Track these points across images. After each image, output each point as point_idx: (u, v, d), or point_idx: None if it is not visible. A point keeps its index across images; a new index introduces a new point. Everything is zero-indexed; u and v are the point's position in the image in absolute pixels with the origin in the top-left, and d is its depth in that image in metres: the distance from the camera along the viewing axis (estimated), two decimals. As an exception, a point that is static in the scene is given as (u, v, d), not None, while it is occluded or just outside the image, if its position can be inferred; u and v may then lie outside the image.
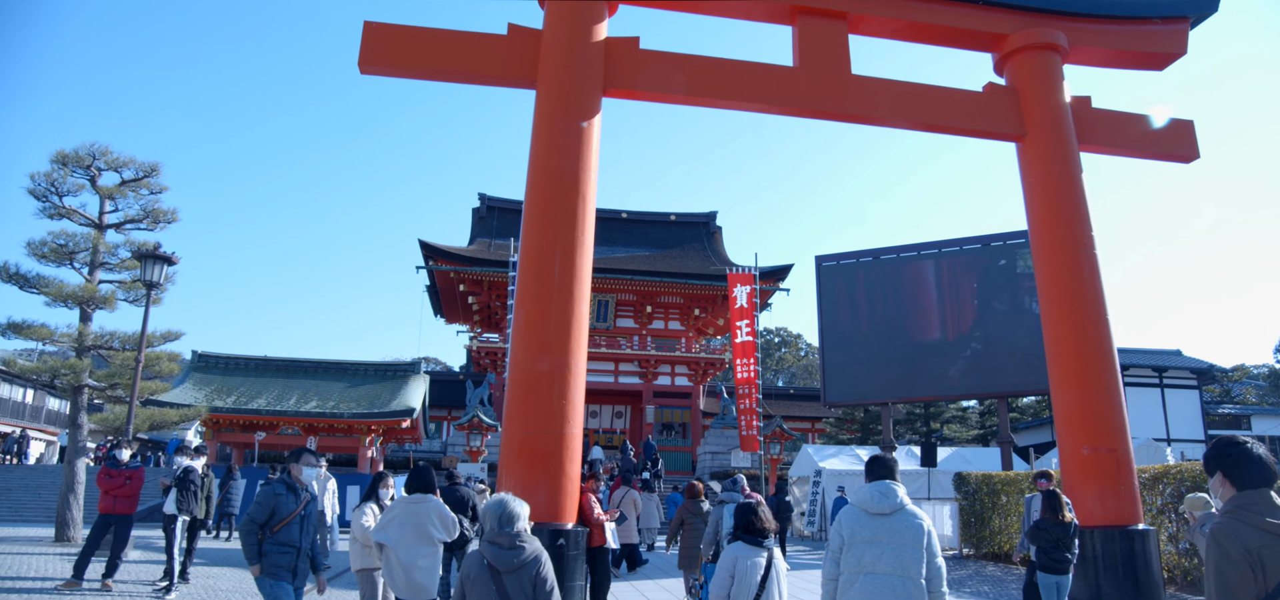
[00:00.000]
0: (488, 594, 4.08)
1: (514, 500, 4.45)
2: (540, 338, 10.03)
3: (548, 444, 9.72)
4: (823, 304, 26.94)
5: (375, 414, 25.08)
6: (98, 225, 16.62)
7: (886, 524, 4.61)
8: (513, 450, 9.75)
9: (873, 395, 26.13)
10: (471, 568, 4.22)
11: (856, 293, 26.52)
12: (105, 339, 15.94)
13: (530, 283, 10.31)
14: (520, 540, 4.24)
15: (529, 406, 9.85)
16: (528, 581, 4.16)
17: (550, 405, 9.82)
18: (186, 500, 9.98)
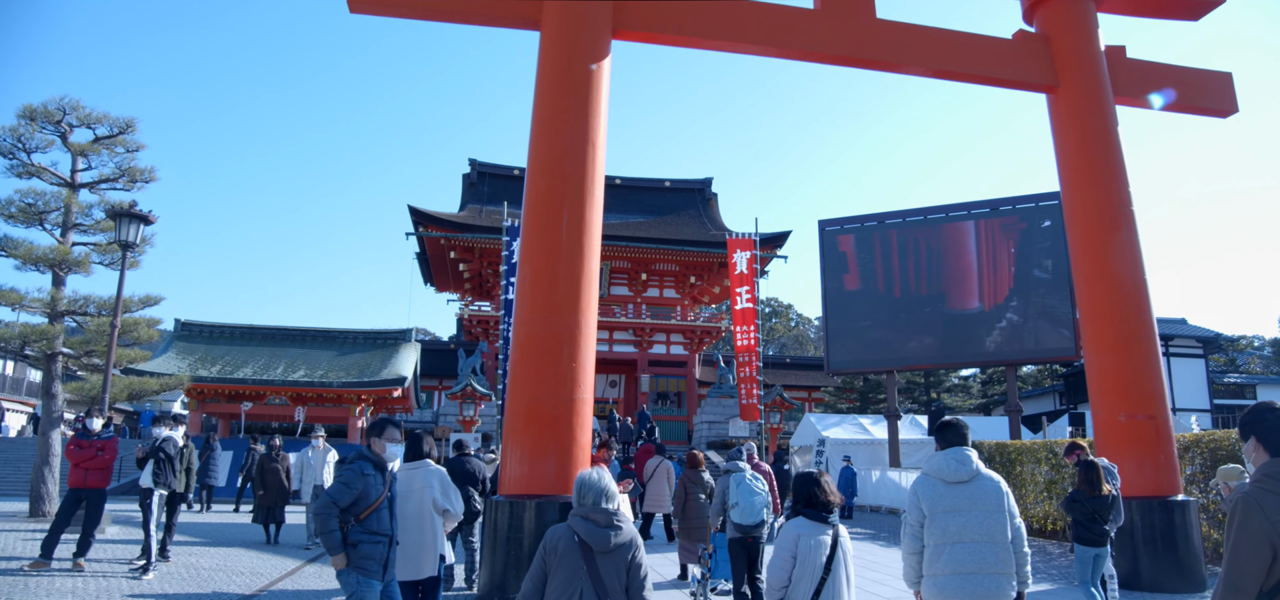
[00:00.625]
0: (576, 573, 3.71)
1: (608, 475, 4.04)
2: (548, 297, 9.29)
3: (557, 410, 9.01)
4: (826, 269, 26.23)
5: (365, 383, 24.31)
6: (70, 184, 15.71)
7: (966, 491, 4.51)
8: (519, 417, 9.03)
9: (877, 363, 25.50)
10: (560, 541, 3.81)
11: (860, 258, 25.81)
12: (80, 304, 15.08)
13: (536, 238, 9.54)
14: (618, 519, 3.84)
15: (536, 370, 9.13)
16: (622, 565, 3.79)
17: (559, 368, 9.10)
18: (164, 473, 9.21)
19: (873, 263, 25.62)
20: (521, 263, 9.70)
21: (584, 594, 3.68)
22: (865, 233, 25.94)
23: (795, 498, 4.82)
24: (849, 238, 26.03)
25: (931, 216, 25.51)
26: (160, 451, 9.26)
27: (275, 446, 13.04)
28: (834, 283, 26.04)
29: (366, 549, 5.02)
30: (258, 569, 10.06)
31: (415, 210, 35.75)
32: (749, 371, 27.76)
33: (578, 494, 3.95)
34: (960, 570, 4.39)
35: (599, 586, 3.70)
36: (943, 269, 24.90)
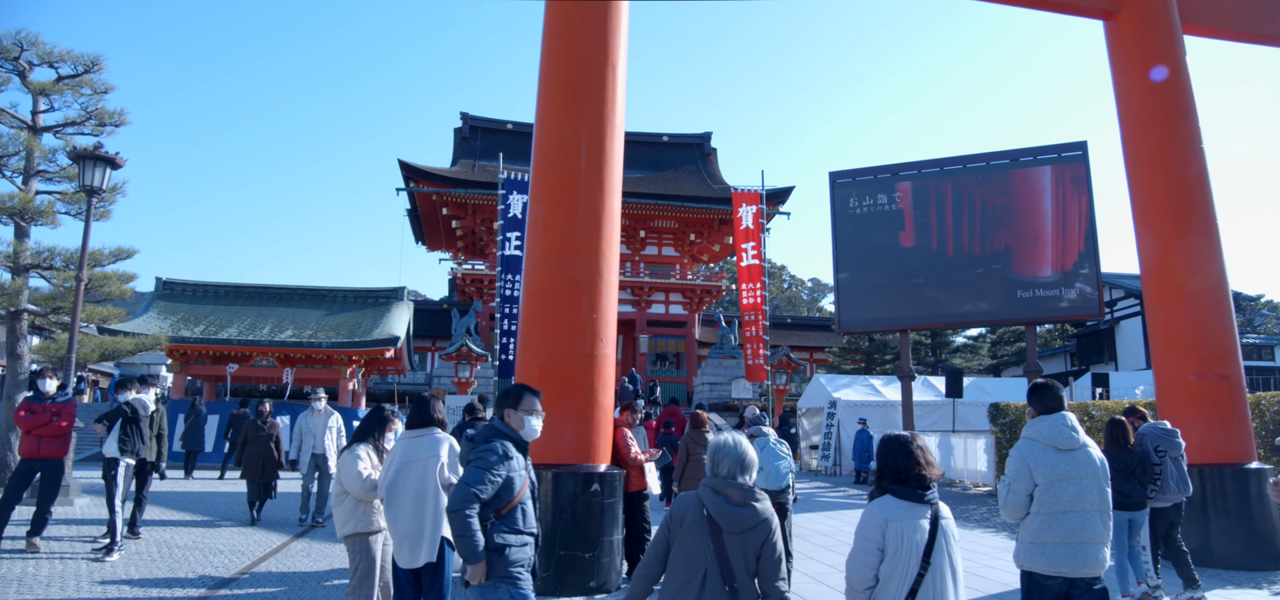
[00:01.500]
0: (701, 551, 3.35)
1: (748, 445, 3.55)
2: (564, 239, 8.18)
3: (576, 368, 7.94)
4: (837, 223, 25.08)
5: (356, 343, 23.17)
6: (31, 127, 14.43)
7: (1076, 459, 4.36)
8: (532, 377, 7.93)
9: (891, 321, 24.43)
10: (687, 512, 3.43)
11: (874, 211, 24.70)
12: (45, 257, 13.87)
13: (551, 173, 8.40)
14: (754, 498, 3.42)
15: (552, 324, 8.03)
16: (753, 548, 3.37)
17: (578, 320, 8.02)
18: (130, 439, 8.10)
19: (890, 217, 24.50)
20: (533, 201, 8.57)
21: (708, 576, 3.30)
22: (879, 185, 24.80)
23: (880, 470, 3.79)
24: (862, 190, 24.90)
25: (948, 167, 24.39)
26: (125, 414, 8.13)
27: (263, 412, 11.43)
28: (846, 237, 24.91)
29: (515, 553, 3.95)
30: (239, 546, 9.00)
31: (406, 165, 34.48)
32: (755, 331, 26.78)
33: (712, 462, 3.50)
34: (1072, 540, 4.25)
35: (725, 568, 3.30)
36: (959, 223, 23.84)
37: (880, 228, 24.60)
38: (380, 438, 5.35)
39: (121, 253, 14.40)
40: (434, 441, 4.83)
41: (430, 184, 34.77)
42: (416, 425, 4.90)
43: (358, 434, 5.33)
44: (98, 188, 12.06)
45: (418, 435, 4.85)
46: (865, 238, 24.69)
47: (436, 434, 4.89)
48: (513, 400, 4.23)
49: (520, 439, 4.14)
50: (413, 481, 4.70)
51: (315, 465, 10.64)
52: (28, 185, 14.17)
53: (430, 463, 4.74)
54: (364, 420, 5.43)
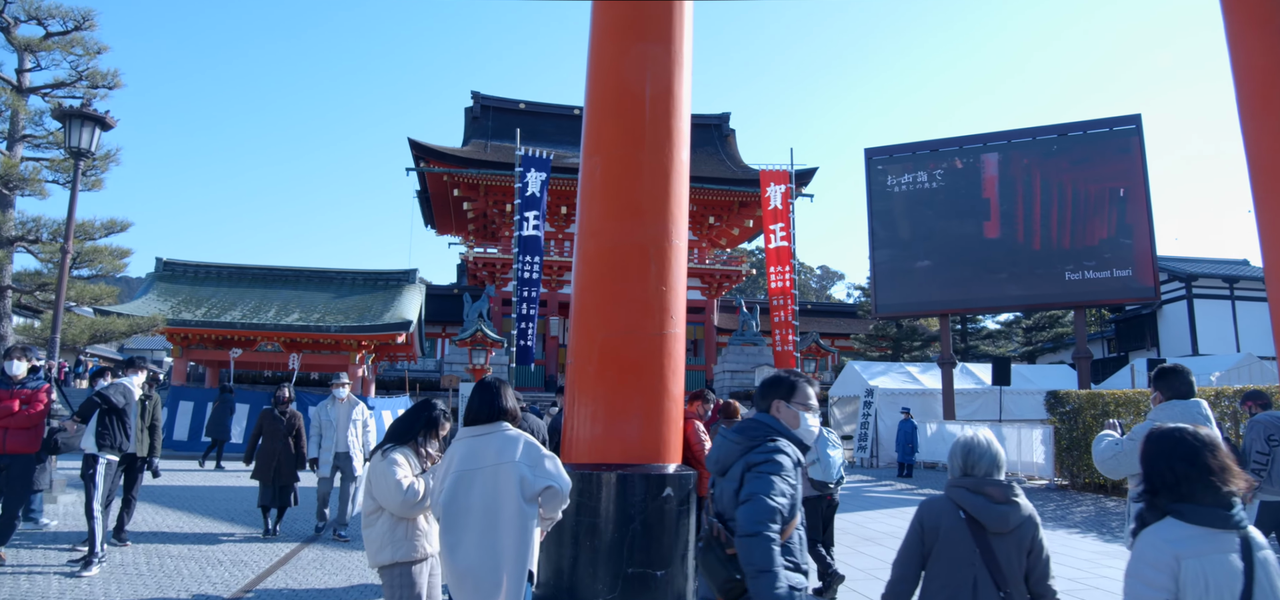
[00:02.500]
0: (967, 557, 3.04)
1: (994, 440, 3.26)
2: (627, 195, 6.88)
3: (643, 349, 6.64)
4: (873, 203, 23.84)
5: (366, 327, 21.95)
6: (16, 87, 13.21)
7: None
8: (589, 361, 6.67)
9: (931, 305, 23.22)
10: (942, 518, 3.15)
11: (912, 189, 23.42)
12: (30, 228, 12.65)
13: (609, 120, 7.09)
14: (1014, 494, 3.12)
15: (614, 297, 6.74)
16: (1022, 547, 3.07)
17: (644, 292, 6.72)
18: (111, 432, 6.85)
19: (929, 195, 23.26)
20: (588, 154, 7.26)
21: (979, 582, 3.05)
22: (918, 162, 23.53)
23: (1153, 481, 2.63)
24: (899, 167, 23.63)
25: (991, 142, 23.10)
26: (103, 402, 6.87)
27: (283, 400, 9.19)
28: (883, 217, 23.68)
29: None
30: (242, 557, 7.77)
31: (416, 144, 33.20)
32: (784, 316, 25.46)
33: (965, 460, 3.25)
34: None
35: (996, 573, 3.05)
36: (1004, 202, 22.55)
37: (918, 207, 23.34)
38: (425, 441, 4.09)
39: (114, 225, 13.20)
40: (506, 441, 3.59)
41: (441, 164, 33.49)
42: (482, 419, 3.65)
43: (396, 434, 4.06)
44: (87, 150, 10.84)
45: (483, 433, 3.61)
46: (903, 218, 23.43)
47: (508, 431, 3.64)
48: (786, 390, 3.21)
49: (800, 441, 3.15)
50: (480, 496, 3.46)
51: (337, 466, 8.92)
52: (12, 151, 12.96)
53: (504, 471, 3.49)
54: (405, 417, 4.16)
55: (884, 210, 23.64)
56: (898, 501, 14.83)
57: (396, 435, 4.05)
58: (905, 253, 23.21)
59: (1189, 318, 28.25)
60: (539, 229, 23.53)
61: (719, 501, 3.13)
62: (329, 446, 8.79)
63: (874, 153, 24.08)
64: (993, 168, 22.78)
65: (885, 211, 23.62)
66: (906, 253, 23.21)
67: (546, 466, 3.59)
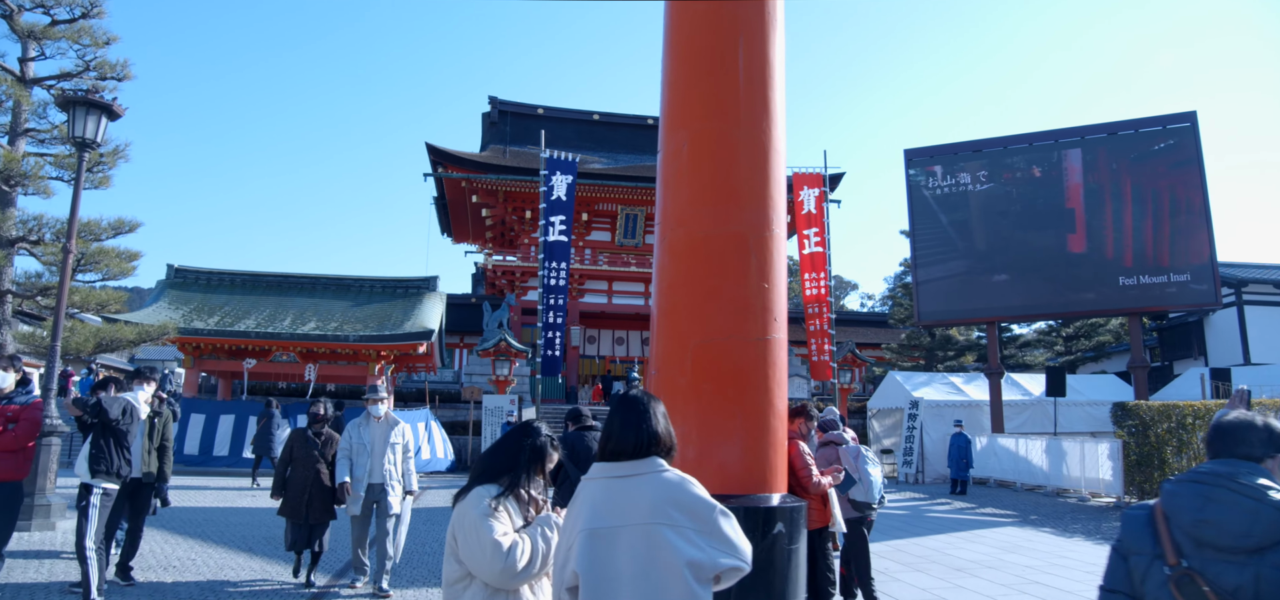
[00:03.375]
0: None
1: None
2: (722, 177, 5.84)
3: (744, 358, 5.59)
4: (914, 206, 22.79)
5: (386, 336, 20.96)
6: (19, 78, 12.30)
7: None
8: (681, 371, 5.62)
9: (977, 312, 22.16)
10: None
11: (955, 192, 22.39)
12: (31, 227, 11.70)
13: (695, 88, 6.06)
14: None
15: (708, 296, 5.69)
16: None
17: (744, 291, 5.68)
18: (106, 455, 5.80)
19: (973, 198, 22.19)
20: (670, 131, 6.23)
21: None
22: (961, 162, 22.49)
23: None
24: (941, 168, 22.59)
25: (1037, 142, 22.05)
26: (96, 417, 5.80)
27: (319, 418, 7.43)
28: (924, 221, 22.63)
29: None
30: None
31: (434, 149, 32.29)
32: (820, 324, 24.46)
33: None
34: None
35: None
36: (1050, 205, 21.49)
37: (962, 209, 22.28)
38: (529, 479, 3.04)
39: (122, 225, 12.26)
40: (664, 489, 2.55)
41: (460, 169, 32.56)
42: (627, 451, 2.62)
43: (488, 470, 3.00)
44: (92, 141, 9.89)
45: (629, 475, 2.58)
46: (945, 222, 22.37)
47: (665, 472, 2.61)
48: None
49: None
50: (628, 567, 2.44)
51: (371, 501, 7.05)
52: (14, 146, 12.03)
53: (663, 538, 2.46)
54: (501, 447, 3.08)
55: (926, 214, 22.60)
56: (968, 523, 13.73)
57: (489, 472, 3.00)
58: (949, 258, 22.17)
59: (1240, 325, 27.07)
60: (565, 234, 22.55)
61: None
62: (361, 477, 6.94)
63: (914, 154, 23.04)
64: (1039, 169, 21.74)
65: (927, 215, 22.58)
66: (950, 258, 22.17)
67: (724, 530, 2.53)
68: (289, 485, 7.19)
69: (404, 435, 7.28)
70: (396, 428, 7.22)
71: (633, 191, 33.90)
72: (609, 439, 2.67)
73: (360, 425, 7.09)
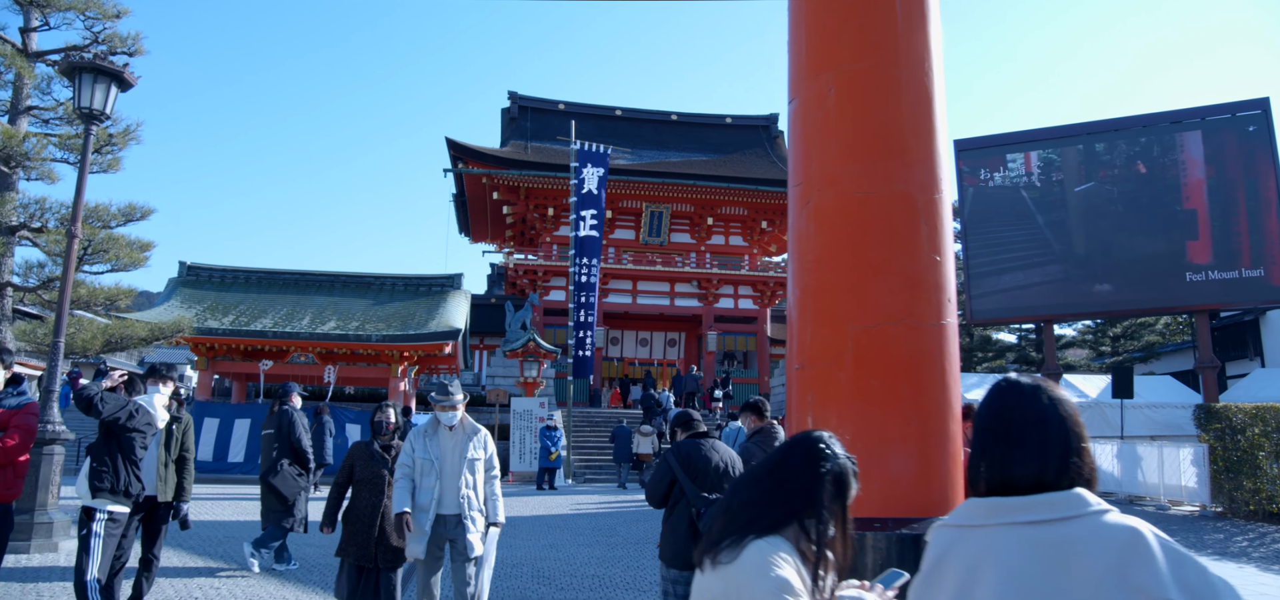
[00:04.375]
0: None
1: None
2: (882, 125, 4.69)
3: (918, 347, 4.43)
4: (964, 199, 21.60)
5: (411, 336, 19.84)
6: (21, 50, 11.22)
7: None
8: (839, 363, 4.44)
9: (1033, 309, 21.01)
10: None
11: (1006, 185, 21.21)
12: (33, 213, 10.62)
13: (844, 20, 4.91)
14: None
15: (871, 270, 4.53)
16: None
17: (916, 264, 4.53)
18: (111, 470, 4.62)
19: (1026, 191, 21.01)
20: (811, 73, 5.06)
21: None
22: (1011, 155, 21.31)
23: None
24: (991, 161, 21.43)
25: (1095, 131, 20.85)
26: (99, 412, 4.57)
27: (387, 427, 5.77)
28: (976, 215, 21.45)
29: None
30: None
31: (454, 144, 31.25)
32: (862, 324, 23.28)
33: None
34: None
35: None
36: (1110, 197, 20.29)
37: (1013, 203, 21.12)
38: (824, 528, 1.86)
39: (134, 211, 11.17)
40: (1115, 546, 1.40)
41: (480, 165, 31.51)
42: (1025, 483, 1.49)
43: (758, 504, 1.83)
44: (100, 112, 8.80)
45: (1039, 519, 1.44)
46: (997, 216, 21.18)
47: (1105, 516, 1.45)
48: None
49: None
50: None
51: (442, 538, 5.22)
52: (15, 124, 10.94)
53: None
54: (773, 473, 1.92)
55: (976, 208, 21.43)
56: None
57: (764, 510, 1.83)
58: (999, 254, 21.00)
59: (1300, 324, 25.81)
60: (597, 228, 21.46)
61: None
62: (427, 505, 5.08)
63: (964, 145, 21.86)
64: (1095, 160, 20.56)
65: (978, 210, 21.41)
66: (1000, 254, 21.00)
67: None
68: (350, 517, 5.40)
69: (486, 447, 5.46)
70: (476, 438, 5.40)
71: (658, 188, 32.79)
72: (994, 458, 1.54)
73: (425, 435, 5.26)
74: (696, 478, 4.91)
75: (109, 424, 4.73)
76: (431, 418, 5.34)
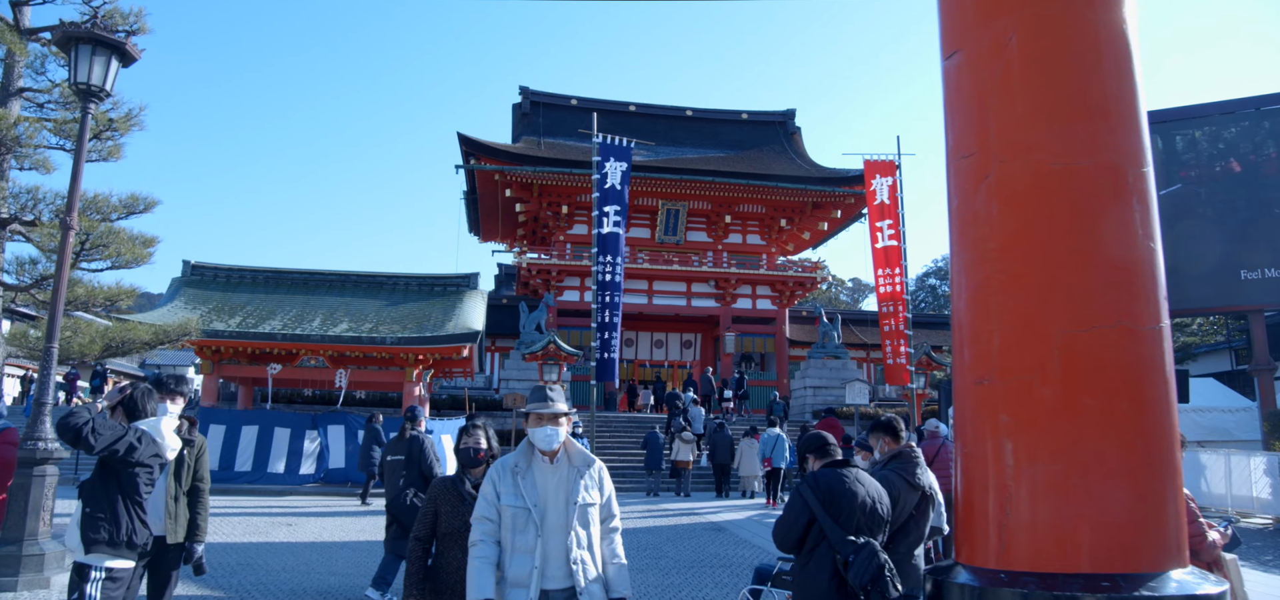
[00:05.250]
0: None
1: None
2: (1082, 84, 3.75)
3: (1139, 355, 3.48)
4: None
5: (429, 339, 18.91)
6: (14, 27, 10.28)
7: None
8: (1045, 375, 3.43)
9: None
10: None
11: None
12: (25, 204, 9.68)
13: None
14: None
15: (1077, 260, 3.60)
16: None
17: (1133, 253, 3.56)
18: (111, 516, 3.61)
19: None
20: (980, 20, 4.09)
21: None
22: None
23: None
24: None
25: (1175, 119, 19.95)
26: (92, 447, 3.58)
27: (482, 456, 4.13)
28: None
29: None
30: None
31: (466, 139, 30.31)
32: (895, 324, 22.33)
33: None
34: None
35: None
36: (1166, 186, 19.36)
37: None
38: None
39: (136, 202, 10.23)
40: None
41: (493, 161, 30.56)
42: None
43: None
44: (99, 89, 7.88)
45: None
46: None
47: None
48: None
49: None
50: None
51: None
52: (7, 107, 10.00)
53: None
54: None
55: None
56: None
57: None
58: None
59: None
60: (620, 225, 20.45)
61: None
62: (523, 576, 3.45)
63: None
64: (1157, 152, 19.63)
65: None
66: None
67: None
68: (435, 582, 3.90)
69: (603, 486, 3.77)
70: (588, 474, 3.70)
71: (675, 185, 31.82)
72: None
73: (514, 471, 3.61)
74: (840, 517, 3.96)
75: (106, 459, 3.77)
76: (523, 444, 3.71)
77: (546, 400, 3.67)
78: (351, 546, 10.11)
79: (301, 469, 17.54)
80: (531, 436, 3.68)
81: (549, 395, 3.71)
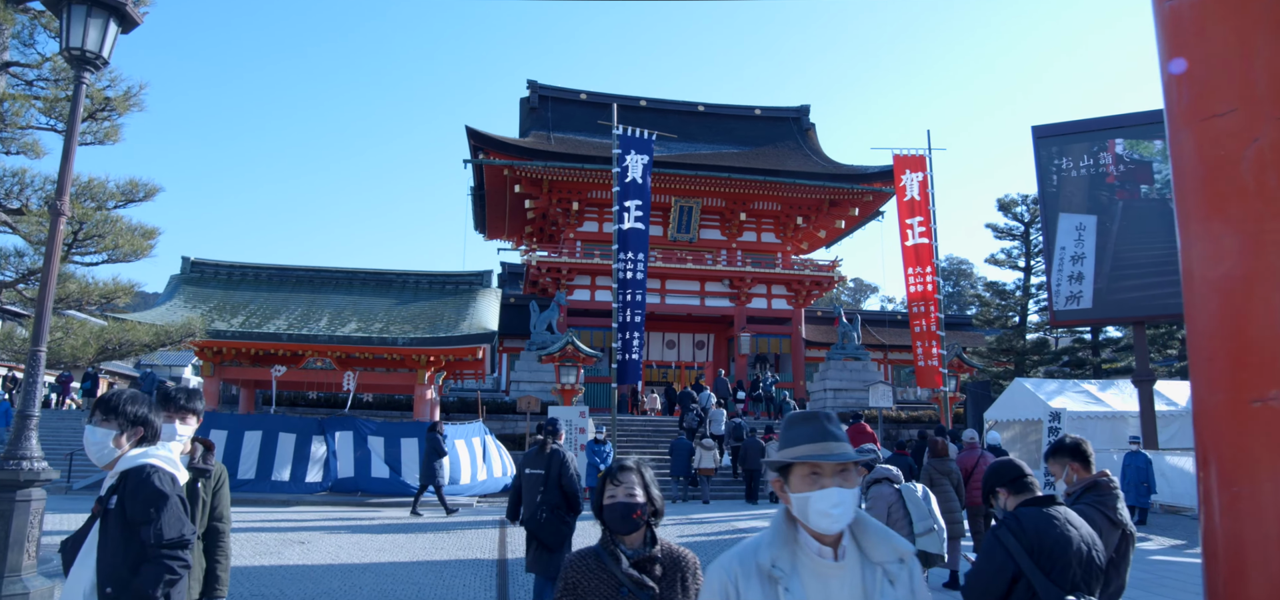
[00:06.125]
0: None
1: None
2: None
3: None
4: (1045, 188, 19.79)
5: (442, 340, 17.97)
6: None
7: None
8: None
9: (1122, 310, 19.13)
10: None
11: (1092, 175, 19.35)
12: (11, 189, 8.74)
13: None
14: None
15: None
16: None
17: None
18: (116, 576, 2.75)
19: (1109, 180, 19.17)
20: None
21: None
22: (1091, 143, 19.49)
23: None
24: (1072, 149, 19.62)
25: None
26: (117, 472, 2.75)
27: (622, 472, 2.72)
28: (1054, 209, 19.63)
29: None
30: None
31: (475, 133, 29.37)
32: (927, 325, 21.50)
33: None
34: None
35: None
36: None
37: (1099, 195, 19.31)
38: None
39: (136, 188, 9.29)
40: None
41: (504, 155, 29.63)
42: None
43: None
44: (95, 55, 6.95)
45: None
46: (1082, 209, 19.40)
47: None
48: None
49: None
50: None
51: None
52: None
53: None
54: None
55: (1055, 200, 19.60)
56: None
57: None
58: (1087, 250, 19.15)
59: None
60: (641, 220, 19.57)
61: None
62: None
63: (1042, 131, 20.05)
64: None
65: (1056, 202, 19.58)
66: (1087, 250, 19.16)
67: None
68: None
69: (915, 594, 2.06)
70: (897, 578, 2.02)
71: (689, 181, 30.94)
72: None
73: (771, 579, 2.04)
74: (1052, 570, 3.06)
75: (160, 503, 2.87)
76: (777, 523, 2.14)
77: (824, 435, 2.02)
78: (375, 570, 9.19)
79: (308, 477, 16.58)
80: (798, 508, 2.03)
81: (829, 428, 2.05)
